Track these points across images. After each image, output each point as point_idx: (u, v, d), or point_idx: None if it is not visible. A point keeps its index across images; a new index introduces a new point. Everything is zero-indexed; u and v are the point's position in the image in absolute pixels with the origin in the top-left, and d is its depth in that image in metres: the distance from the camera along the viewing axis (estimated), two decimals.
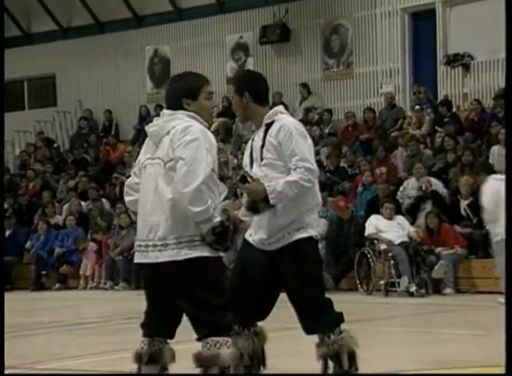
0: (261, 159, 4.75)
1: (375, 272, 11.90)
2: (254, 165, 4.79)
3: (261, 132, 4.82)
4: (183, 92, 4.39)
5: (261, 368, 4.96)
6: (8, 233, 16.14)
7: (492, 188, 10.77)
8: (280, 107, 4.94)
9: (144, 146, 4.52)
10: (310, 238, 4.76)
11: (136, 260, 4.40)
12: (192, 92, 4.38)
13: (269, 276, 4.79)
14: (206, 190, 4.19)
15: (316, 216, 4.88)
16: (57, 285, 15.12)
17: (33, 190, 17.58)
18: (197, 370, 4.25)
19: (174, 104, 4.41)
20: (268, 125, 4.79)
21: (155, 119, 4.48)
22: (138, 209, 4.42)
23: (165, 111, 4.44)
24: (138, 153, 4.64)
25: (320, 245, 10.32)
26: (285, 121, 4.79)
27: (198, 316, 4.24)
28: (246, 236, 4.87)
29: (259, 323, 4.94)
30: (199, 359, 4.22)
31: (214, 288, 4.24)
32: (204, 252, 4.23)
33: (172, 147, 4.27)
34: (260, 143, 4.78)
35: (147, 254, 4.30)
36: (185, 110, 4.38)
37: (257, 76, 5.05)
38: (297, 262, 4.71)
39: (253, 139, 4.90)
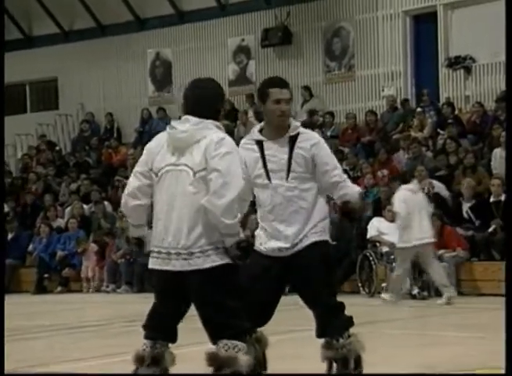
0: (288, 171, 4.73)
1: (377, 274, 11.89)
2: (275, 177, 4.74)
3: (283, 144, 4.75)
4: (222, 101, 4.48)
5: (263, 372, 4.96)
6: (10, 236, 16.15)
7: (402, 196, 11.09)
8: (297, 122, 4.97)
9: (158, 148, 4.40)
10: (325, 242, 4.82)
11: (156, 266, 4.34)
12: (224, 103, 4.55)
13: (277, 284, 4.80)
14: (238, 204, 4.24)
15: (328, 223, 4.92)
16: (59, 288, 15.12)
17: (35, 193, 17.58)
18: (208, 370, 4.26)
19: (209, 110, 4.38)
20: (294, 137, 4.77)
21: (174, 123, 4.38)
22: (157, 214, 4.34)
23: (190, 118, 4.36)
24: (141, 156, 4.55)
25: None
26: (315, 135, 4.93)
27: (221, 320, 4.27)
28: (255, 246, 4.84)
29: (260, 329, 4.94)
30: (215, 359, 4.23)
31: (236, 294, 4.31)
32: (227, 259, 4.30)
33: (205, 157, 4.26)
34: (286, 156, 4.74)
35: (169, 262, 4.28)
36: (213, 118, 4.38)
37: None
38: (313, 264, 4.73)
39: (261, 151, 4.77)
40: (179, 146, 4.34)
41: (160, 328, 4.39)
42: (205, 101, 4.38)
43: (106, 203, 16.27)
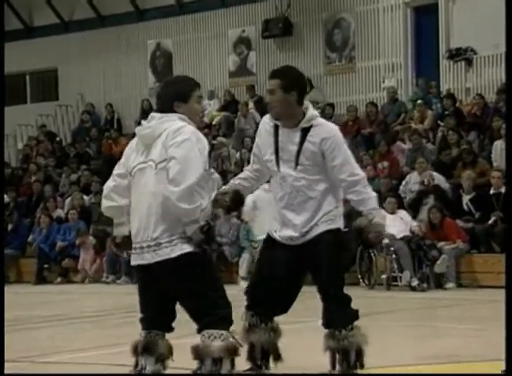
0: (297, 163, 4.73)
1: (377, 266, 11.90)
2: (285, 166, 4.75)
3: (295, 135, 4.74)
4: (174, 95, 4.45)
5: (276, 362, 4.99)
6: (10, 226, 16.15)
7: (254, 194, 11.70)
8: (312, 109, 4.85)
9: (132, 149, 4.50)
10: (337, 230, 4.79)
11: (133, 262, 4.46)
12: (184, 96, 4.44)
13: (294, 272, 4.82)
14: (198, 191, 4.23)
15: (341, 209, 4.89)
16: (59, 279, 15.14)
17: (35, 184, 17.57)
18: (195, 362, 4.30)
19: (165, 107, 4.45)
20: (306, 130, 4.74)
21: (144, 122, 4.50)
22: (132, 213, 4.43)
23: (155, 114, 4.47)
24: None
25: None
26: (327, 128, 4.77)
27: (197, 309, 4.31)
28: (270, 232, 4.89)
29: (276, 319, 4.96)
30: (194, 351, 4.32)
31: (209, 281, 4.32)
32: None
33: (165, 148, 4.31)
34: (295, 148, 4.72)
35: (143, 256, 4.37)
36: (175, 112, 4.42)
37: (304, 76, 5.03)
38: (320, 254, 4.73)
39: (276, 135, 4.77)
40: (145, 142, 4.43)
41: (152, 320, 4.48)
42: (168, 97, 4.46)
43: None
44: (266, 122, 4.89)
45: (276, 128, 4.82)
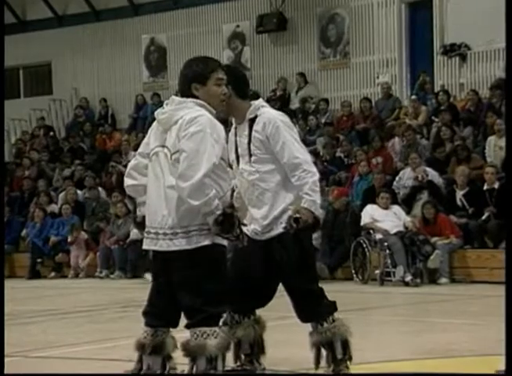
0: (250, 155, 4.77)
1: (370, 261, 11.91)
2: (242, 161, 4.83)
3: (244, 128, 4.81)
4: (192, 76, 4.33)
5: (262, 356, 4.99)
6: None
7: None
8: (261, 101, 4.91)
9: (153, 131, 4.43)
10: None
11: (146, 246, 4.40)
12: (202, 77, 4.31)
13: (266, 265, 4.83)
14: (210, 182, 4.17)
15: None
16: (52, 274, 15.12)
17: (26, 180, 17.53)
18: (186, 359, 4.28)
19: (184, 89, 4.35)
20: (252, 120, 4.79)
21: (165, 104, 4.40)
22: (148, 195, 4.39)
23: (174, 98, 4.37)
24: (137, 143, 4.61)
25: (316, 235, 10.38)
26: (269, 115, 4.79)
27: (194, 304, 4.26)
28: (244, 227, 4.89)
29: (258, 312, 4.96)
30: (186, 348, 4.26)
31: (217, 277, 4.27)
32: (212, 240, 4.25)
33: (178, 138, 4.24)
34: (246, 140, 4.78)
35: (157, 242, 4.31)
36: (194, 95, 4.32)
37: (237, 70, 5.07)
38: (288, 251, 4.75)
39: (235, 135, 4.87)
40: (164, 127, 4.36)
41: (160, 314, 4.38)
42: (186, 78, 4.35)
43: (100, 189, 16.25)
44: (233, 126, 4.95)
45: (236, 128, 4.90)
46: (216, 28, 18.53)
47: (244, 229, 4.80)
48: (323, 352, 4.81)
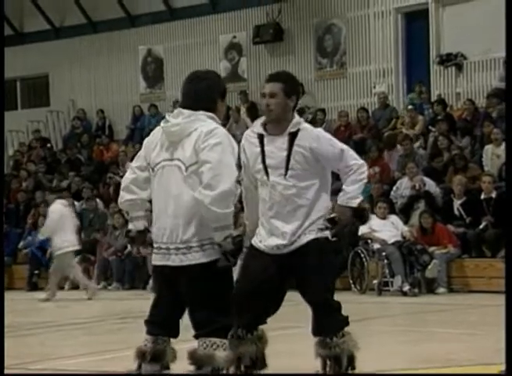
0: (287, 169, 4.68)
1: (368, 271, 11.91)
2: (273, 174, 4.69)
3: (283, 140, 4.70)
4: (218, 90, 4.39)
5: (263, 369, 4.98)
6: None
7: (57, 209, 12.66)
8: (300, 118, 4.86)
9: (154, 143, 4.38)
10: (325, 239, 4.76)
11: (157, 262, 4.37)
12: (224, 92, 4.43)
13: (278, 281, 4.76)
14: (232, 195, 4.21)
15: None
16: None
17: (21, 193, 17.51)
18: (191, 367, 4.29)
19: (203, 101, 4.32)
20: (293, 134, 4.71)
21: (168, 116, 4.37)
22: (155, 210, 4.36)
23: (183, 111, 4.34)
24: (134, 154, 4.55)
25: None
26: (316, 131, 4.82)
27: (204, 316, 4.28)
28: (254, 242, 4.80)
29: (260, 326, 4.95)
30: (193, 357, 4.29)
31: (228, 290, 4.33)
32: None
33: (195, 150, 4.22)
34: (284, 153, 4.68)
35: (169, 257, 4.30)
36: (209, 108, 4.33)
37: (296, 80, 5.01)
38: (308, 262, 4.69)
39: (261, 145, 4.71)
40: (172, 140, 4.32)
41: (162, 324, 4.40)
42: (197, 93, 4.35)
43: (97, 200, 16.24)
44: (248, 135, 4.81)
45: (261, 137, 4.76)
46: (213, 39, 18.58)
47: (259, 244, 4.73)
48: (328, 362, 4.79)
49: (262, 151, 4.73)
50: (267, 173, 4.72)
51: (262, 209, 4.78)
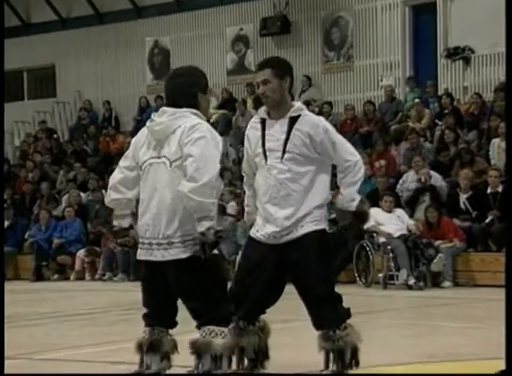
0: (284, 152, 4.69)
1: (374, 265, 11.91)
2: (271, 157, 4.71)
3: (283, 124, 4.72)
4: (198, 85, 4.42)
5: (265, 361, 4.98)
6: (6, 223, 16.13)
7: None
8: (302, 104, 4.88)
9: (141, 142, 4.47)
10: (323, 231, 4.75)
11: (141, 257, 4.44)
12: (206, 86, 4.47)
13: (277, 271, 4.76)
14: (214, 188, 4.21)
15: (326, 211, 4.86)
16: (56, 276, 15.13)
17: (27, 183, 17.54)
18: (192, 356, 4.33)
19: (183, 99, 4.37)
20: (294, 119, 4.72)
21: (154, 115, 4.44)
22: (141, 208, 4.42)
23: (167, 109, 4.40)
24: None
25: None
26: (317, 118, 4.80)
27: (199, 307, 4.33)
28: (252, 233, 4.83)
29: (262, 317, 4.95)
30: (193, 346, 4.33)
31: (217, 282, 4.34)
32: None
33: (180, 145, 4.27)
34: (283, 136, 4.70)
35: (152, 252, 4.36)
36: (191, 104, 4.37)
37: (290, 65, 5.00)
38: (307, 254, 4.68)
39: (262, 129, 4.76)
40: (158, 138, 4.39)
41: (156, 315, 4.47)
42: (176, 90, 4.41)
43: (103, 191, 16.25)
44: (253, 121, 4.87)
45: (263, 122, 4.79)
46: (220, 31, 18.55)
47: (257, 234, 4.77)
48: (331, 355, 4.79)
49: (263, 135, 4.76)
50: (265, 156, 4.74)
51: (259, 195, 4.80)
